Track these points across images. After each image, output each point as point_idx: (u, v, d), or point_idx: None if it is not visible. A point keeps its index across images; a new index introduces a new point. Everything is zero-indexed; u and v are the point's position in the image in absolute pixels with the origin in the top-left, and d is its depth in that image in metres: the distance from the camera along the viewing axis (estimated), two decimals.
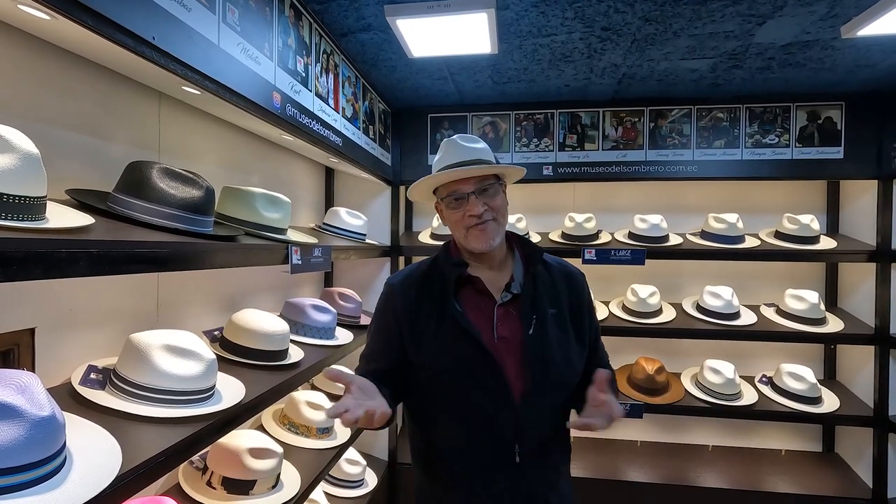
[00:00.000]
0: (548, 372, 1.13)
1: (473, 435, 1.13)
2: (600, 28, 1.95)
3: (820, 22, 1.90)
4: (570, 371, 1.18)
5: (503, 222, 1.20)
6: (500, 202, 1.19)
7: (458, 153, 1.19)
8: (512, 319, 1.16)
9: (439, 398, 1.16)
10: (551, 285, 1.23)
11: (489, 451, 1.12)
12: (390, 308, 1.22)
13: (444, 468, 1.17)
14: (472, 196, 1.16)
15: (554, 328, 1.17)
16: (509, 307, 1.18)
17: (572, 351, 1.19)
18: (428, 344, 1.15)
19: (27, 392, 0.78)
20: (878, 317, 2.63)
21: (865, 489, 2.66)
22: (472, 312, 1.16)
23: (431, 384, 1.16)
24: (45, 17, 0.93)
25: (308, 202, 2.79)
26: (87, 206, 1.10)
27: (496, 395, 1.10)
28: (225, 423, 1.21)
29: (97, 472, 0.86)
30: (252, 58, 1.42)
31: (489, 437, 1.12)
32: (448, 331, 1.14)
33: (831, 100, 2.68)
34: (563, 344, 1.17)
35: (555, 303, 1.20)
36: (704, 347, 2.98)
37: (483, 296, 1.19)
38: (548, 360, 1.13)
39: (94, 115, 1.32)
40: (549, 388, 1.14)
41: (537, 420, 1.13)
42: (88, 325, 1.34)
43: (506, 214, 1.21)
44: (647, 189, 3.11)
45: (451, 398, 1.14)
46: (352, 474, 2.49)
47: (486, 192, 1.17)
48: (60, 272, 0.80)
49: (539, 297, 1.19)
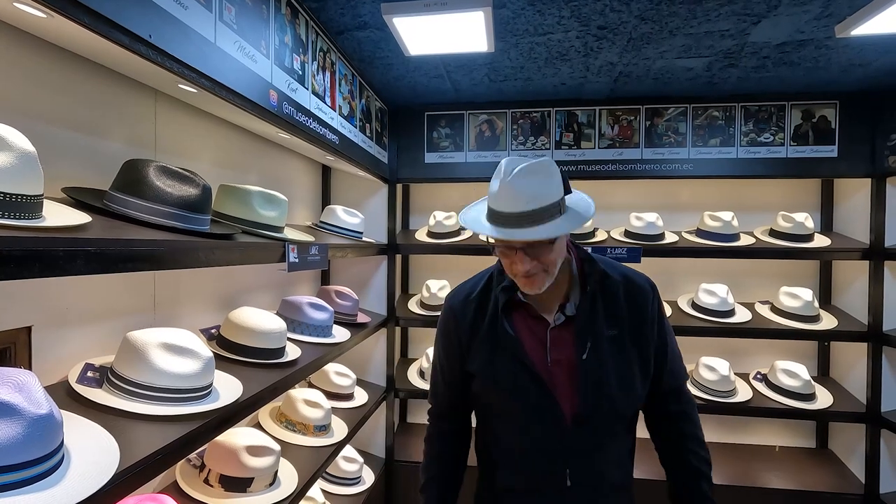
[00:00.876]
0: (601, 397, 1.09)
1: (526, 455, 1.13)
2: (596, 27, 1.96)
3: (814, 21, 1.91)
4: (628, 396, 1.12)
5: (554, 272, 1.09)
6: (553, 256, 1.07)
7: (510, 200, 1.00)
8: (566, 343, 1.12)
9: (495, 415, 1.18)
10: (611, 303, 1.14)
11: (540, 473, 1.12)
12: (452, 329, 1.23)
13: (501, 478, 1.18)
14: (520, 252, 1.05)
15: (611, 351, 1.11)
16: (563, 330, 1.13)
17: (631, 375, 1.13)
18: (483, 364, 1.16)
19: (25, 390, 0.78)
20: (871, 314, 2.65)
21: (858, 485, 2.69)
22: (525, 335, 1.14)
23: (489, 400, 1.18)
24: (42, 14, 0.93)
25: (305, 200, 2.79)
26: (83, 204, 1.10)
27: (547, 420, 1.10)
28: (222, 421, 1.22)
29: (95, 469, 0.86)
30: (248, 56, 1.42)
31: (541, 458, 1.11)
32: (501, 354, 1.13)
33: (825, 99, 2.70)
34: (620, 368, 1.11)
35: (613, 323, 1.13)
36: (699, 344, 2.99)
37: (536, 318, 1.16)
38: (602, 385, 1.09)
39: (90, 114, 1.32)
40: (604, 415, 1.10)
41: (591, 445, 1.10)
42: (85, 324, 1.34)
43: (559, 261, 1.09)
44: (643, 187, 3.12)
45: (505, 418, 1.15)
46: (349, 472, 2.50)
47: (537, 248, 1.04)
48: (57, 270, 0.81)
49: (596, 318, 1.12)
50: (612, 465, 1.13)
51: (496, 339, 1.15)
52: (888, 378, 2.65)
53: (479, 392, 1.19)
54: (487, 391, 1.17)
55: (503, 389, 1.13)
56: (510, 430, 1.15)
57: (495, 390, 1.15)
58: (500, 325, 1.14)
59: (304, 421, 2.10)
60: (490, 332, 1.16)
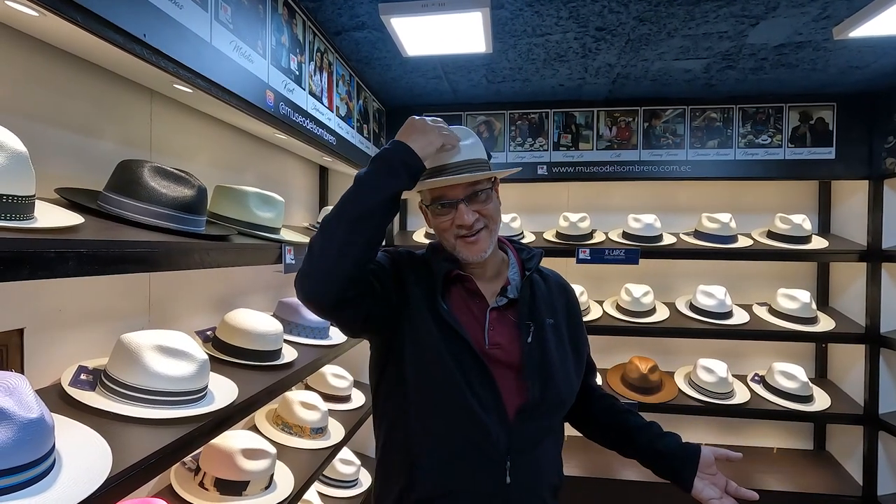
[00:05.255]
0: (548, 388, 1.02)
1: (460, 451, 1.00)
2: (595, 28, 1.96)
3: (812, 23, 1.91)
4: (570, 389, 1.09)
5: (495, 229, 1.08)
6: (492, 207, 1.07)
7: (451, 151, 1.05)
8: (506, 325, 1.06)
9: (422, 406, 1.02)
10: (548, 294, 1.13)
11: (477, 469, 1.00)
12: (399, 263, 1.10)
13: (423, 484, 1.01)
14: (461, 204, 1.03)
15: (553, 339, 1.07)
16: (503, 313, 1.07)
17: (571, 366, 1.10)
18: (412, 337, 1.03)
19: (15, 394, 0.77)
20: (869, 316, 2.65)
21: (856, 487, 2.69)
22: (462, 314, 1.05)
23: (413, 388, 1.02)
24: (34, 13, 0.92)
25: (302, 201, 2.78)
26: (76, 205, 1.09)
27: (487, 409, 0.98)
28: (217, 424, 1.20)
29: (87, 474, 0.85)
30: (245, 56, 1.41)
31: (478, 454, 0.99)
32: (435, 330, 1.01)
33: (823, 100, 2.70)
34: (562, 358, 1.08)
35: (551, 313, 1.10)
36: (697, 346, 2.99)
37: (475, 297, 1.08)
38: (549, 375, 1.03)
39: (84, 113, 1.30)
40: (548, 407, 1.04)
41: (531, 439, 1.02)
42: (78, 326, 1.32)
43: (499, 218, 1.09)
44: (641, 189, 3.12)
45: (436, 408, 1.01)
46: (346, 474, 2.48)
47: (477, 196, 1.04)
48: (49, 272, 0.79)
49: (537, 303, 1.09)
50: (549, 462, 1.07)
51: (431, 312, 1.03)
52: (886, 380, 2.65)
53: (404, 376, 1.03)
54: (416, 375, 1.01)
55: (436, 373, 1.00)
56: (441, 423, 1.00)
57: (427, 372, 1.01)
58: (436, 300, 1.03)
59: (300, 423, 2.08)
60: (427, 303, 1.04)
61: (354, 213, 0.93)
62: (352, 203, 0.94)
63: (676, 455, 1.11)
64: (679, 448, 1.12)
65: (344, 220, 0.93)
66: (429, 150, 0.99)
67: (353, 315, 0.98)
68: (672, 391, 2.76)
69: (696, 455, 1.10)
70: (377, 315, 1.02)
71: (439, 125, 1.03)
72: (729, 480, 1.10)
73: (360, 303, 0.97)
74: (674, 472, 1.11)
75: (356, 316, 0.99)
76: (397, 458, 1.05)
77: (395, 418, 1.07)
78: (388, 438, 1.09)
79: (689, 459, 1.10)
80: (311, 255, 0.95)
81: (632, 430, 1.16)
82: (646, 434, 1.15)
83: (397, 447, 1.06)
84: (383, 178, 0.95)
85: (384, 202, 0.94)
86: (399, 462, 1.05)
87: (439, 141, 1.00)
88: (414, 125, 1.01)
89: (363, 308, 0.98)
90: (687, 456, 1.10)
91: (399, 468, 1.04)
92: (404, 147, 0.96)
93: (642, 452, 1.15)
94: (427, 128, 1.00)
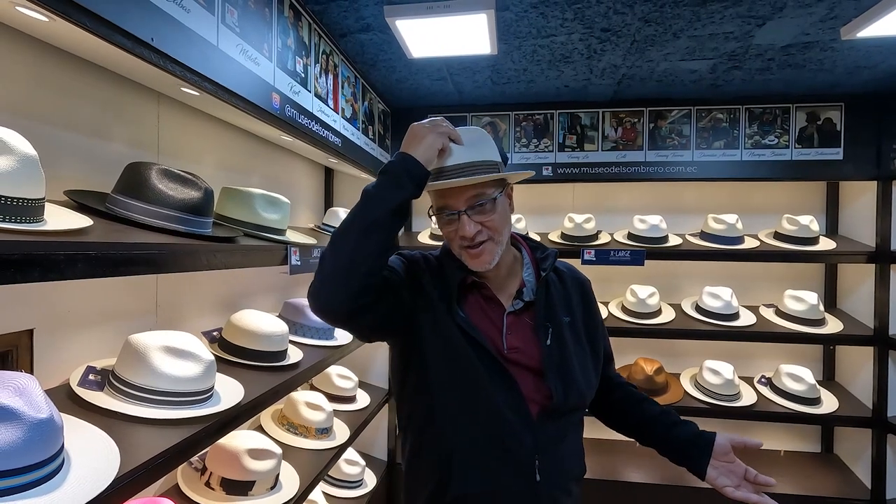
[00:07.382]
0: (570, 389, 1.03)
1: (490, 452, 1.01)
2: (600, 29, 1.95)
3: (819, 23, 1.90)
4: (590, 387, 1.10)
5: (501, 240, 1.04)
6: (497, 219, 1.03)
7: (452, 154, 1.01)
8: (524, 328, 1.06)
9: (449, 410, 1.03)
10: (563, 292, 1.13)
11: (509, 470, 1.00)
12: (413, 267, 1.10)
13: (456, 486, 1.01)
14: (463, 216, 1.01)
15: (571, 340, 1.07)
16: (520, 316, 1.07)
17: (590, 363, 1.11)
18: (431, 342, 1.03)
19: (25, 394, 0.78)
20: (877, 318, 2.63)
21: (864, 490, 2.66)
22: (479, 320, 1.05)
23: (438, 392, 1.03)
24: (43, 18, 0.93)
25: (307, 203, 2.79)
26: (85, 207, 1.10)
27: (512, 411, 1.00)
28: (224, 424, 1.21)
29: (95, 474, 0.86)
30: (251, 59, 1.42)
31: (508, 455, 1.00)
32: (454, 336, 1.01)
33: (831, 101, 2.68)
34: (581, 356, 1.08)
35: (568, 311, 1.10)
36: (703, 348, 2.98)
37: (490, 302, 1.07)
38: (570, 377, 1.04)
39: (92, 116, 1.32)
40: (571, 407, 1.05)
41: (556, 437, 1.04)
42: (87, 327, 1.34)
43: (505, 229, 1.05)
44: (647, 190, 3.11)
45: (463, 412, 1.02)
46: (351, 475, 2.49)
47: (481, 207, 1.01)
48: (58, 274, 0.80)
49: (553, 304, 1.08)
50: (573, 459, 1.09)
51: (447, 320, 1.03)
52: (894, 382, 2.62)
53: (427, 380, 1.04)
54: (441, 379, 1.02)
55: (456, 383, 1.01)
56: (470, 426, 1.01)
57: (451, 378, 1.02)
58: (452, 307, 1.03)
59: (305, 424, 2.09)
60: (443, 309, 1.04)
61: (363, 225, 0.94)
62: (360, 215, 0.95)
63: (691, 443, 1.13)
64: (694, 436, 1.14)
65: (353, 232, 0.94)
66: (430, 154, 0.98)
67: (368, 322, 0.99)
68: (678, 393, 2.75)
69: (711, 443, 1.11)
70: (392, 320, 1.03)
71: (438, 125, 1.01)
72: (748, 467, 1.11)
73: (375, 309, 0.97)
74: (688, 460, 1.13)
75: (372, 323, 0.99)
76: (429, 460, 1.06)
77: (422, 421, 1.07)
78: (416, 441, 1.10)
79: (704, 448, 1.11)
80: (322, 268, 0.96)
81: (648, 420, 1.19)
82: (662, 423, 1.17)
83: (427, 449, 1.07)
84: (389, 190, 0.95)
85: (391, 212, 0.95)
86: (431, 464, 1.05)
87: (439, 142, 0.99)
88: (413, 132, 1.01)
89: (378, 314, 0.99)
90: (701, 444, 1.12)
91: (431, 469, 1.05)
92: (405, 157, 0.97)
93: (659, 441, 1.18)
94: (425, 132, 0.99)
